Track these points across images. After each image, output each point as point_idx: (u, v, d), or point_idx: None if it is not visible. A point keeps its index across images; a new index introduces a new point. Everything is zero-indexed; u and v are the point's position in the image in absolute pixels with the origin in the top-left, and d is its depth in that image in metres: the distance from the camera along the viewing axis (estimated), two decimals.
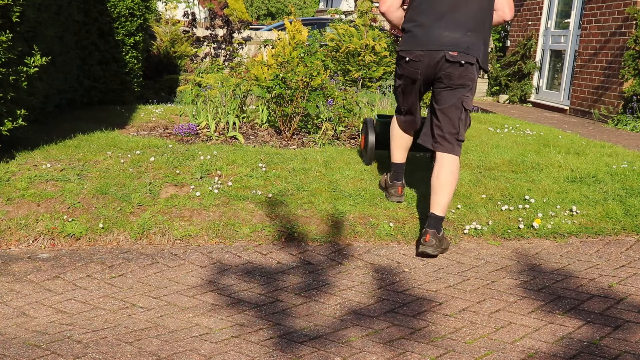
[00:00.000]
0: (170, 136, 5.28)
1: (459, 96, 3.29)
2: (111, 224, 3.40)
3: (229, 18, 9.02)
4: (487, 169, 4.37)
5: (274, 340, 2.30)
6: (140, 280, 2.94)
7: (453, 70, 3.26)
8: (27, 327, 2.44)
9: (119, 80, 6.84)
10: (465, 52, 3.24)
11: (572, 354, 2.20)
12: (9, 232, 3.30)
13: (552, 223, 3.54)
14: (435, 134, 3.34)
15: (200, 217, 3.51)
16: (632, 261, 3.14)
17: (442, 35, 3.25)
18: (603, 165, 4.50)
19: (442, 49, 3.24)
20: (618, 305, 2.61)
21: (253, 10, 34.99)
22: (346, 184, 3.92)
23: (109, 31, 6.57)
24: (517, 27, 10.53)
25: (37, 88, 4.40)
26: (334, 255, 3.26)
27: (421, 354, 2.20)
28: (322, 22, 12.66)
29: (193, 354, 2.18)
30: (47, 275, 2.96)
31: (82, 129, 5.02)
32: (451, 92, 3.30)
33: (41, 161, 3.99)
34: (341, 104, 5.29)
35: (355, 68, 9.02)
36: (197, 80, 6.77)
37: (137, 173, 3.90)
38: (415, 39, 3.33)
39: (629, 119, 7.28)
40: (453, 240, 3.43)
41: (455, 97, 3.29)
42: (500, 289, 2.81)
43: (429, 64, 3.30)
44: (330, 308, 2.62)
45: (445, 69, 3.26)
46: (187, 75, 8.39)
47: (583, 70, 8.45)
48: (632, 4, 7.42)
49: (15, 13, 3.80)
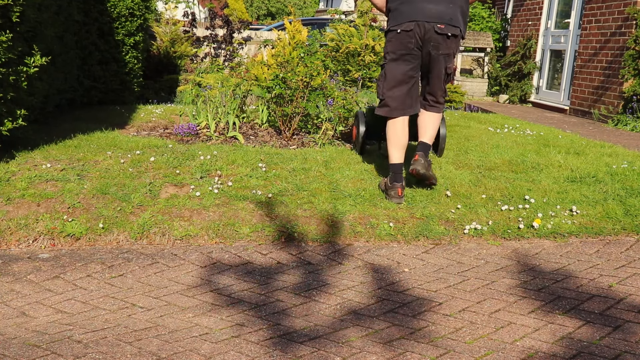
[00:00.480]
0: (170, 136, 5.28)
1: (445, 64, 3.78)
2: (111, 224, 3.40)
3: (229, 18, 9.02)
4: (487, 169, 4.37)
5: (274, 340, 2.30)
6: (140, 280, 2.94)
7: (442, 41, 3.69)
8: (27, 327, 2.44)
9: (119, 80, 6.83)
10: (450, 24, 3.67)
11: (572, 354, 2.20)
12: (9, 232, 3.30)
13: (552, 223, 3.54)
14: (428, 98, 3.92)
15: (200, 217, 3.51)
16: (632, 261, 3.14)
17: (426, 7, 3.65)
18: (603, 165, 4.50)
19: (430, 21, 3.65)
20: (618, 305, 2.61)
21: (253, 10, 34.99)
22: (346, 184, 3.92)
23: (109, 31, 6.57)
24: (517, 27, 10.53)
25: (37, 88, 4.40)
26: (333, 255, 3.26)
27: (421, 354, 2.20)
28: (322, 22, 12.66)
29: (193, 354, 2.18)
30: (47, 275, 2.96)
31: (82, 129, 5.03)
32: (438, 60, 3.75)
33: (41, 161, 3.99)
34: (341, 104, 5.29)
35: (355, 68, 9.02)
36: (197, 80, 6.77)
37: (137, 173, 3.90)
38: (403, 14, 3.71)
39: (629, 119, 7.28)
40: (453, 240, 3.43)
41: (443, 65, 3.78)
42: (500, 289, 2.81)
43: (420, 35, 3.68)
44: (330, 308, 2.62)
45: (434, 40, 3.68)
46: (187, 75, 8.38)
47: (583, 70, 8.45)
48: (632, 4, 7.42)
49: (15, 13, 3.80)
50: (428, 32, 3.65)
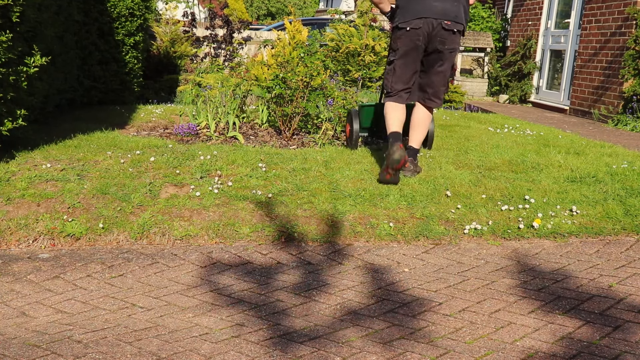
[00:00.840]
0: (170, 136, 5.28)
1: (450, 59, 4.03)
2: (111, 224, 3.40)
3: (229, 18, 9.01)
4: (487, 169, 4.37)
5: (274, 340, 2.30)
6: (140, 280, 2.94)
7: (447, 36, 3.91)
8: (27, 327, 2.44)
9: (119, 80, 6.83)
10: (455, 21, 3.89)
11: (572, 354, 2.20)
12: (9, 232, 3.30)
13: (552, 223, 3.54)
14: (429, 92, 4.09)
15: (200, 217, 3.51)
16: (632, 261, 3.14)
17: (433, 5, 3.87)
18: (603, 165, 4.50)
19: (437, 18, 3.86)
20: (618, 305, 2.61)
21: (253, 10, 34.99)
22: (346, 184, 3.92)
23: (109, 31, 6.57)
24: (517, 27, 10.53)
25: (37, 88, 4.40)
26: (333, 255, 3.26)
27: (421, 354, 2.20)
28: (322, 22, 12.66)
29: (193, 354, 2.18)
30: (47, 275, 2.96)
31: (82, 129, 5.02)
32: (444, 55, 3.98)
33: (41, 161, 3.99)
34: (341, 104, 5.29)
35: (355, 68, 9.02)
36: (197, 80, 6.77)
37: (137, 173, 3.90)
38: (411, 11, 3.90)
39: (629, 119, 7.28)
40: (453, 240, 3.43)
41: (448, 59, 4.02)
42: (500, 289, 2.81)
43: (427, 31, 3.89)
44: (330, 308, 2.62)
45: (441, 35, 3.90)
46: (187, 75, 8.38)
47: (583, 70, 8.45)
48: (632, 4, 7.42)
49: (15, 13, 3.80)
50: (435, 29, 3.88)
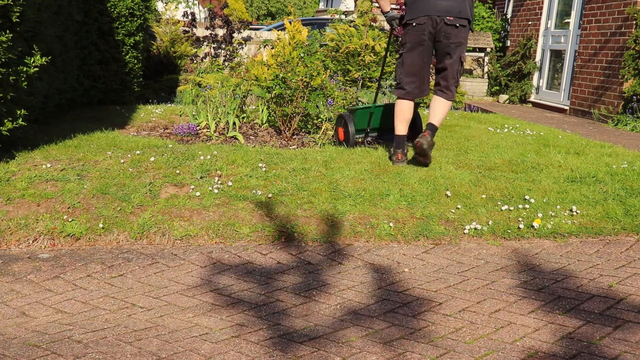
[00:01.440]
0: (170, 136, 5.28)
1: (458, 52, 4.26)
2: (111, 224, 3.40)
3: (228, 18, 9.01)
4: (487, 169, 4.37)
5: (274, 340, 2.30)
6: (140, 280, 2.94)
7: (451, 31, 4.19)
8: (27, 327, 2.44)
9: (118, 80, 6.83)
10: (458, 16, 4.17)
11: (572, 354, 2.20)
12: (9, 232, 3.30)
13: (552, 223, 3.54)
14: (442, 84, 4.34)
15: (200, 217, 3.51)
16: (632, 261, 3.14)
17: (437, 3, 4.18)
18: (603, 165, 4.50)
19: (440, 15, 4.16)
20: (618, 305, 2.61)
21: (253, 10, 34.99)
22: (346, 184, 3.92)
23: (109, 31, 6.57)
24: (517, 27, 10.53)
25: (37, 88, 4.40)
26: (333, 255, 3.26)
27: (421, 354, 2.20)
28: (322, 22, 12.65)
29: (193, 354, 2.18)
30: (47, 275, 2.96)
31: (82, 129, 5.02)
32: (450, 49, 4.24)
33: (41, 161, 3.99)
34: (341, 104, 5.29)
35: (355, 68, 9.02)
36: (197, 80, 6.77)
37: (137, 173, 3.90)
38: (417, 9, 4.22)
39: (629, 119, 7.28)
40: (453, 240, 3.43)
41: (455, 52, 4.25)
42: (500, 289, 2.81)
43: (432, 27, 4.20)
44: (330, 308, 2.62)
45: (445, 31, 4.19)
46: (187, 75, 8.38)
47: (583, 70, 8.45)
48: (632, 4, 7.42)
49: (15, 13, 3.80)
50: (439, 25, 4.18)
